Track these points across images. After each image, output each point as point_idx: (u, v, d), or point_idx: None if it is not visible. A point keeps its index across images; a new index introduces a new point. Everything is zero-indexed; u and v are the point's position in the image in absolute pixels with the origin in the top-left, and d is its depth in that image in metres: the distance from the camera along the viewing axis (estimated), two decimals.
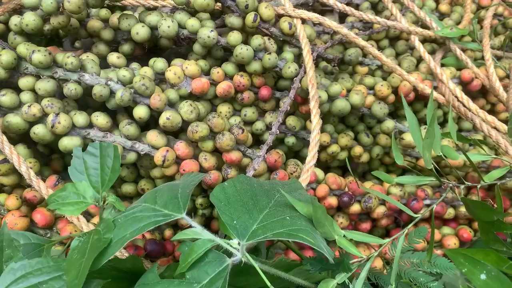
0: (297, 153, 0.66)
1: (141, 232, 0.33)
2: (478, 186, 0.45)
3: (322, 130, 0.62)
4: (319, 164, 0.69)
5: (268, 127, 0.59)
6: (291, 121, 0.59)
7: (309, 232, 0.34)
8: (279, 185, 0.41)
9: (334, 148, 0.62)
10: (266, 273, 0.35)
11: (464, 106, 0.60)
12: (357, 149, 0.63)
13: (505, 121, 0.64)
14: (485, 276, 0.27)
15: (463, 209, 0.62)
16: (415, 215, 0.41)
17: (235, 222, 0.34)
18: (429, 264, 0.42)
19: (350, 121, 0.66)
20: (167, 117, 0.48)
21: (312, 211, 0.35)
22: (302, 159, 0.59)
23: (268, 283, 0.32)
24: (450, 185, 0.43)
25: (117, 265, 0.37)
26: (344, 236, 0.38)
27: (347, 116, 0.65)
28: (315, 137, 0.51)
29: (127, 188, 0.58)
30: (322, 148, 0.63)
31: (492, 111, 0.77)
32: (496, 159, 0.56)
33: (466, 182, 0.45)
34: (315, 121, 0.51)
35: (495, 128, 0.59)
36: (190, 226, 0.35)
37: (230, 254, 0.34)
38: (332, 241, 0.38)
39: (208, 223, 0.59)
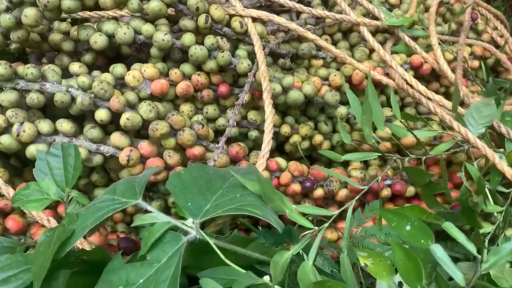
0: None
1: (101, 220, 0.36)
2: (423, 158, 0.49)
3: (283, 122, 0.66)
4: (286, 155, 0.72)
5: None
6: (252, 115, 0.62)
7: (257, 206, 0.36)
8: (234, 170, 0.44)
9: (295, 138, 0.65)
10: (223, 249, 0.37)
11: (413, 88, 0.64)
12: (318, 138, 0.66)
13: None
14: (410, 227, 0.29)
15: None
16: (361, 187, 0.44)
17: (189, 204, 0.37)
18: (381, 233, 0.45)
19: (311, 113, 0.69)
20: (127, 118, 0.50)
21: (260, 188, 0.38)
22: None
23: (223, 257, 0.35)
24: (394, 158, 0.46)
25: (83, 255, 0.39)
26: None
27: (308, 108, 0.69)
28: (269, 125, 0.54)
29: (99, 192, 0.60)
30: (285, 139, 0.66)
31: (446, 94, 0.81)
32: (447, 135, 0.60)
33: (411, 155, 0.48)
34: (268, 110, 0.54)
35: (442, 105, 0.63)
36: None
37: (186, 234, 0.36)
38: None
39: None
